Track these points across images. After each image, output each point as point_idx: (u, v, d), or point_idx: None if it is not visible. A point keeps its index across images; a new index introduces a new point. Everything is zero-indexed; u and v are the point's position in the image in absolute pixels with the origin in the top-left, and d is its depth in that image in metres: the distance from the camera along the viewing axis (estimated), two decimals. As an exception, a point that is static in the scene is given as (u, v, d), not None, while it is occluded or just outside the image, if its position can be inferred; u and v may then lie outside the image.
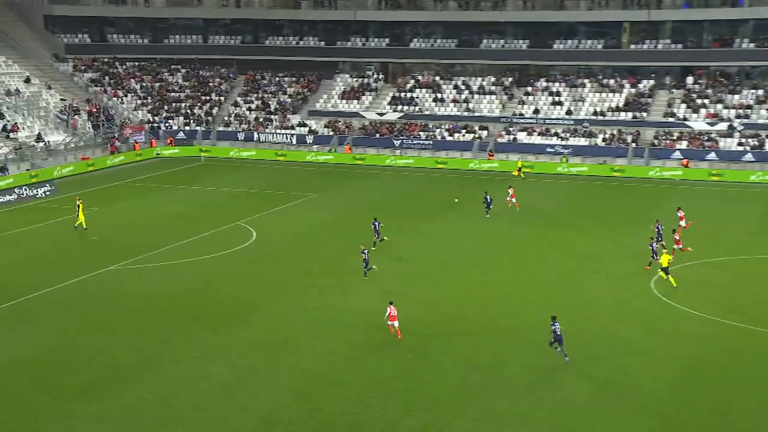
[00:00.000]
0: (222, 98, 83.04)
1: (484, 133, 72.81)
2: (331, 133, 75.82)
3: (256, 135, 76.65)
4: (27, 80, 75.61)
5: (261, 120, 78.87)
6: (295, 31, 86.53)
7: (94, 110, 76.30)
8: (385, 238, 42.90)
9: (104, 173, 66.89)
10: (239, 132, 77.44)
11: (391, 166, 70.14)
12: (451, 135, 73.17)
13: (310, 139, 75.53)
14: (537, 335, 30.70)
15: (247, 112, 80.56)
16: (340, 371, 28.21)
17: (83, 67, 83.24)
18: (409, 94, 78.81)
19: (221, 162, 72.64)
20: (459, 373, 28.05)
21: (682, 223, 43.87)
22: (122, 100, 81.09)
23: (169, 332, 31.40)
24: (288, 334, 31.22)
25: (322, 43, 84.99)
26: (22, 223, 49.07)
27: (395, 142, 73.02)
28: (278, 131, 76.92)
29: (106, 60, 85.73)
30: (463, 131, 73.26)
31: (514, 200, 51.54)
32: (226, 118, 79.84)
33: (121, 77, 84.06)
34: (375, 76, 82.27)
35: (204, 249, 42.50)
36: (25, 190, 56.47)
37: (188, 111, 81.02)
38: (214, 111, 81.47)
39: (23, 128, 68.34)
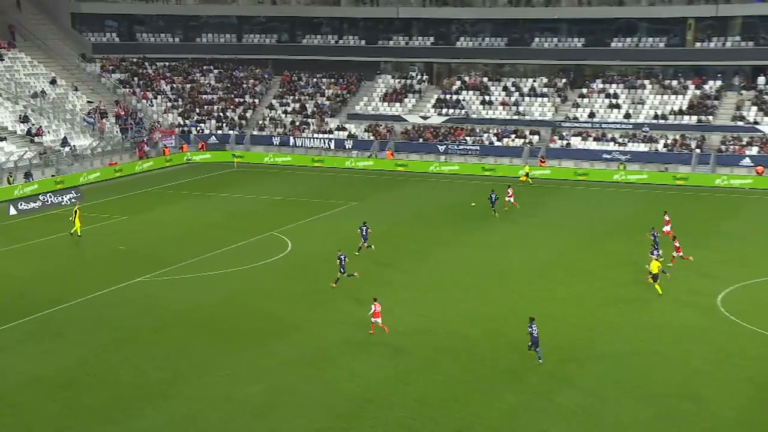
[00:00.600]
0: (256, 100, 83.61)
1: (535, 138, 72.25)
2: (372, 138, 75.83)
3: (292, 139, 76.96)
4: (53, 81, 76.89)
5: (297, 124, 79.20)
6: (335, 30, 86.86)
7: (122, 113, 77.29)
8: (372, 246, 43.32)
9: (132, 179, 67.66)
10: (274, 136, 77.83)
11: (435, 173, 69.91)
12: (499, 140, 72.73)
13: (349, 144, 75.62)
14: (593, 355, 30.11)
15: (283, 116, 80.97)
16: (381, 392, 27.96)
17: (111, 68, 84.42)
18: (454, 97, 78.55)
19: (255, 168, 73.04)
20: (511, 396, 27.65)
21: (667, 228, 45.01)
22: (151, 102, 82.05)
23: (198, 348, 31.47)
24: (324, 352, 31.09)
25: (363, 42, 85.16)
26: (47, 231, 49.74)
27: (440, 147, 72.78)
28: (315, 136, 77.15)
29: (135, 60, 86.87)
30: (513, 136, 72.78)
31: (512, 200, 53.08)
32: (260, 122, 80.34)
33: (150, 78, 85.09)
34: (419, 77, 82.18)
35: (236, 260, 42.62)
36: (50, 197, 57.21)
37: (221, 114, 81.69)
38: (248, 114, 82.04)
39: (48, 132, 69.43)
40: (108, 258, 43.58)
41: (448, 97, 78.74)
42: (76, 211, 48.55)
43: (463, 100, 78.00)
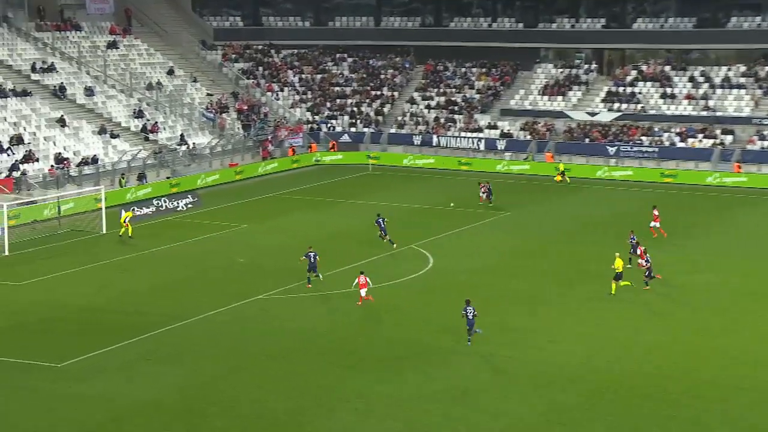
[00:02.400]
0: (395, 93, 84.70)
1: (728, 138, 70.19)
2: (529, 138, 75.50)
3: (435, 139, 77.56)
4: (170, 72, 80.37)
5: (442, 121, 79.74)
6: (487, 12, 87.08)
7: (245, 107, 79.91)
8: (395, 245, 46.48)
9: (254, 183, 69.81)
10: (415, 135, 78.63)
11: (604, 179, 68.99)
12: (683, 140, 71.09)
13: (501, 144, 75.54)
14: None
15: (426, 111, 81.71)
16: (534, 436, 27.97)
17: (233, 56, 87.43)
18: (629, 89, 77.29)
19: (392, 171, 73.98)
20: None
21: (655, 224, 49.60)
22: (277, 95, 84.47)
23: (324, 377, 32.19)
24: (469, 386, 31.26)
25: (520, 26, 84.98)
26: (160, 240, 52.02)
27: (610, 149, 71.79)
28: (463, 134, 77.46)
29: (260, 47, 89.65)
30: (700, 136, 70.99)
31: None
32: (399, 118, 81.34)
33: (276, 68, 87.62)
34: (586, 66, 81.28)
35: (371, 277, 43.28)
36: (165, 201, 59.71)
37: (355, 109, 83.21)
38: (386, 109, 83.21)
39: (164, 128, 72.64)
40: (226, 271, 45.19)
41: (620, 89, 77.51)
42: (125, 216, 51.25)
43: (640, 93, 76.61)
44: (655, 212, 50.61)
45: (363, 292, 38.98)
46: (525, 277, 43.49)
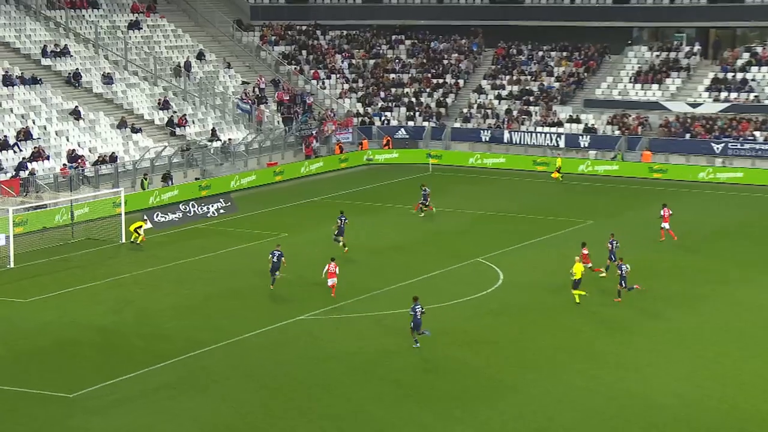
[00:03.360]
0: (461, 81, 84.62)
1: None
2: (618, 133, 74.99)
3: (507, 134, 77.36)
4: (200, 56, 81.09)
5: (515, 113, 79.49)
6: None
7: (286, 97, 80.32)
8: (346, 249, 50.27)
9: (296, 185, 70.09)
10: (483, 130, 78.48)
11: (708, 182, 68.39)
12: (803, 137, 70.29)
13: (585, 140, 75.13)
14: None
15: (496, 102, 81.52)
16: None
17: (273, 38, 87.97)
18: (739, 75, 76.50)
19: (456, 172, 73.91)
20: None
21: (665, 224, 52.17)
22: (323, 83, 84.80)
23: (380, 411, 32.05)
24: (546, 423, 31.06)
25: (609, 1, 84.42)
26: (187, 251, 52.35)
27: (715, 146, 71.14)
28: (539, 129, 77.18)
29: (303, 28, 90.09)
30: (823, 131, 70.09)
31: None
32: (465, 110, 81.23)
33: (323, 52, 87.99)
34: (688, 48, 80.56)
35: (430, 295, 43.23)
36: (193, 206, 60.09)
37: (413, 99, 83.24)
38: (449, 100, 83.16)
39: (193, 122, 73.26)
40: (264, 287, 45.34)
41: (729, 75, 76.74)
42: (135, 226, 52.25)
43: (753, 79, 75.78)
44: (666, 211, 52.12)
45: (331, 281, 42.61)
46: (611, 297, 43.05)
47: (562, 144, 75.35)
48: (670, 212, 52.44)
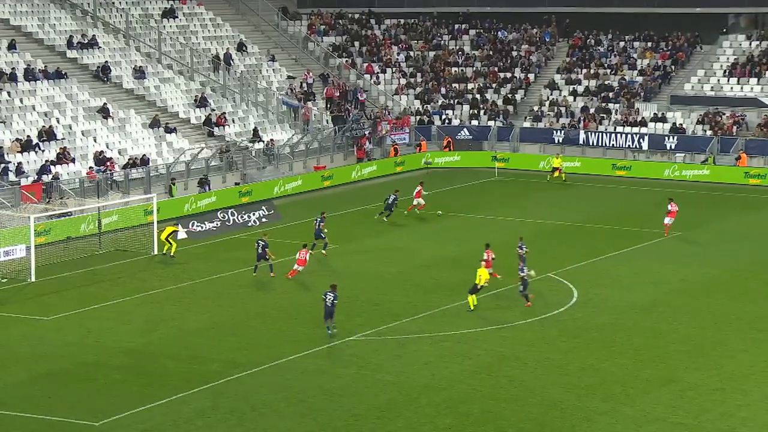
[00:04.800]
0: (531, 76, 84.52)
1: None
2: (709, 134, 74.47)
3: (582, 135, 77.14)
4: (240, 47, 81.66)
5: (592, 111, 79.21)
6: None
7: (336, 94, 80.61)
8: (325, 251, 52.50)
9: (347, 191, 70.33)
10: (556, 130, 78.29)
11: (815, 190, 67.96)
12: None
13: (672, 142, 74.72)
14: None
15: (570, 99, 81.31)
16: None
17: (323, 28, 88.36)
18: None
19: (525, 177, 73.82)
20: None
21: (670, 219, 54.95)
22: (378, 77, 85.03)
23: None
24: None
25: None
26: (225, 264, 52.63)
27: (822, 149, 70.74)
28: (619, 129, 76.87)
29: (356, 17, 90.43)
30: None
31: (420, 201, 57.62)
32: (535, 108, 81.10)
33: (377, 43, 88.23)
34: (787, 38, 79.99)
35: (493, 314, 43.21)
36: (232, 214, 60.46)
37: (478, 96, 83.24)
38: (518, 96, 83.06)
39: (233, 120, 73.74)
40: (308, 305, 45.50)
41: (834, 69, 76.07)
42: (167, 232, 52.88)
43: None
44: (673, 206, 55.06)
45: (298, 267, 47.86)
46: (693, 318, 42.81)
47: (645, 146, 74.99)
48: (677, 208, 54.44)
